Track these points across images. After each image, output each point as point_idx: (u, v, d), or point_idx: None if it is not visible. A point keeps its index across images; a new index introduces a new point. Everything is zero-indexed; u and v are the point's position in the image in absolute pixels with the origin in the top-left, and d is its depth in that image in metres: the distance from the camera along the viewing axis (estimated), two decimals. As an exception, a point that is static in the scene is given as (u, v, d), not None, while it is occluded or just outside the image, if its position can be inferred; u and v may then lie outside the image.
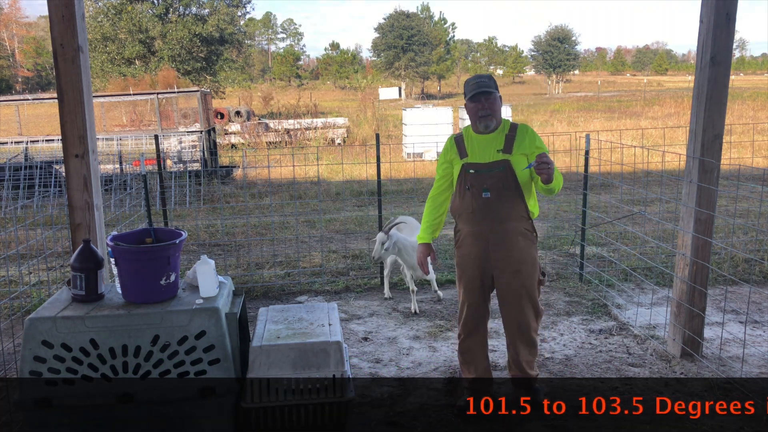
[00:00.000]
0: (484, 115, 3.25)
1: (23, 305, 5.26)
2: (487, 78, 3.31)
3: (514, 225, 3.27)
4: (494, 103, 3.25)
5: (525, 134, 3.29)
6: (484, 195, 3.23)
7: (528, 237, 3.31)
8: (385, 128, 22.46)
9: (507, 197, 3.23)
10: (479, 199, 3.25)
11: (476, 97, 3.24)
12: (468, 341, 3.49)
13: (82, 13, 3.42)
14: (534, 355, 3.49)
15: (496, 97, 3.26)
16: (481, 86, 3.24)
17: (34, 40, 61.71)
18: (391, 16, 60.48)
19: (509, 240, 3.26)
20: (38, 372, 2.69)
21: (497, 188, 3.23)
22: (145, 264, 2.82)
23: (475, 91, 3.24)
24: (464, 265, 3.39)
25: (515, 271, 3.28)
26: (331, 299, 5.50)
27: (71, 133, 3.44)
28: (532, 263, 3.31)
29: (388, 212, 8.79)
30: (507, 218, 3.25)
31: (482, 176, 3.25)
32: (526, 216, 3.29)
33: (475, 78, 3.33)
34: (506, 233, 3.26)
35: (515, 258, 3.27)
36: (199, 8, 33.25)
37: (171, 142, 13.18)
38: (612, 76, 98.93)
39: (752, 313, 4.90)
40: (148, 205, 5.92)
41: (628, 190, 8.51)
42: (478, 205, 3.26)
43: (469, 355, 3.50)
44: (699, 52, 3.83)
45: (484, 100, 3.24)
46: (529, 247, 3.31)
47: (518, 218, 3.27)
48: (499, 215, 3.25)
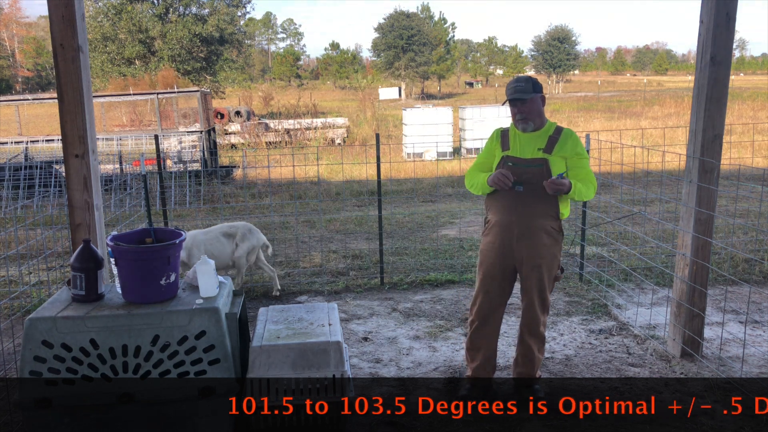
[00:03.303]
0: (519, 119, 3.39)
1: (23, 305, 5.26)
2: (524, 82, 3.38)
3: (542, 222, 3.35)
4: (531, 107, 3.36)
5: (568, 139, 3.39)
6: (517, 188, 3.33)
7: (553, 235, 3.39)
8: (385, 128, 22.47)
9: (539, 194, 3.31)
10: (512, 191, 3.34)
11: (513, 102, 3.38)
12: (480, 330, 3.55)
13: (82, 13, 3.42)
14: (541, 353, 3.58)
15: (533, 101, 3.35)
16: (518, 91, 3.35)
17: (34, 40, 61.72)
18: (391, 16, 60.46)
19: (534, 235, 3.35)
20: (38, 372, 2.68)
21: (531, 184, 3.32)
22: (145, 264, 2.82)
23: (511, 97, 3.37)
24: (487, 251, 3.48)
25: (535, 266, 3.37)
26: (331, 299, 5.50)
27: (71, 133, 3.44)
28: (551, 260, 3.40)
29: (387, 212, 8.80)
30: (536, 214, 3.35)
31: (519, 170, 3.34)
32: (554, 215, 3.38)
33: (514, 82, 3.41)
34: (533, 228, 3.35)
35: (537, 253, 3.36)
36: (199, 8, 33.27)
37: (171, 142, 13.18)
38: (612, 76, 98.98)
39: (752, 313, 4.90)
40: (148, 205, 5.93)
41: (628, 190, 8.51)
42: (510, 197, 3.36)
43: (477, 343, 3.57)
44: (699, 52, 3.83)
45: (520, 105, 3.36)
46: (552, 245, 3.40)
47: (547, 216, 3.36)
48: (528, 209, 3.34)
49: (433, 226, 8.22)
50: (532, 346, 3.52)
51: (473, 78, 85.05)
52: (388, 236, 7.56)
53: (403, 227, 8.23)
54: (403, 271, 6.20)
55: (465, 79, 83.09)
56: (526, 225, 3.35)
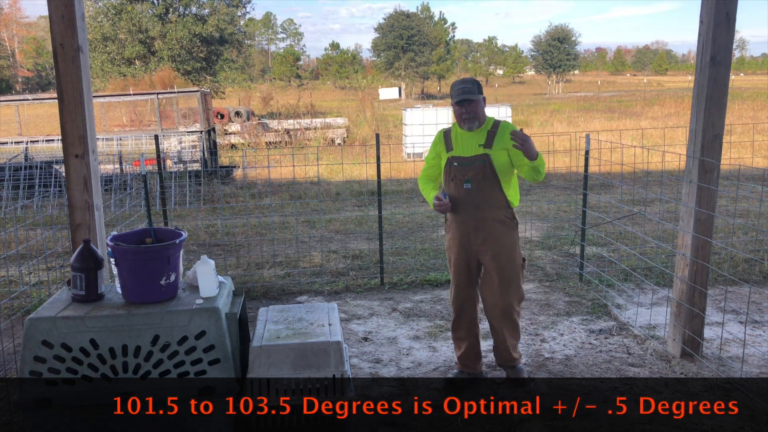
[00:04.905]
0: (467, 118, 3.54)
1: (23, 305, 5.26)
2: (470, 83, 3.55)
3: (493, 213, 3.57)
4: (477, 107, 3.52)
5: (505, 130, 3.55)
6: (465, 186, 3.55)
7: (507, 224, 3.60)
8: (385, 128, 22.45)
9: (486, 188, 3.54)
10: (461, 189, 3.57)
11: (461, 102, 3.51)
12: (459, 319, 3.79)
13: (82, 13, 3.42)
14: (516, 339, 3.80)
15: (478, 101, 3.52)
16: (465, 92, 3.50)
17: (34, 40, 61.75)
18: (391, 16, 60.48)
19: (488, 227, 3.58)
20: (38, 372, 2.69)
21: (477, 180, 3.53)
22: (145, 264, 2.82)
23: (459, 98, 3.50)
24: (450, 247, 3.75)
25: (494, 254, 3.59)
26: (331, 299, 5.50)
27: (71, 133, 3.44)
28: (511, 248, 3.61)
29: (387, 212, 8.80)
30: (486, 207, 3.56)
31: (464, 168, 3.56)
32: (505, 205, 3.59)
33: (460, 83, 3.56)
34: (485, 220, 3.57)
35: (494, 243, 3.58)
36: (199, 8, 33.26)
37: (171, 142, 13.18)
38: (612, 76, 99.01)
39: (752, 313, 4.90)
40: (148, 205, 5.92)
41: (628, 190, 8.52)
42: (460, 195, 3.58)
43: (458, 332, 3.83)
44: (699, 52, 3.83)
45: (467, 105, 3.51)
46: (508, 233, 3.60)
47: (497, 207, 3.57)
48: (479, 204, 3.56)
49: (433, 226, 8.22)
50: (504, 333, 3.73)
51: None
52: (388, 236, 7.57)
53: (403, 227, 8.23)
54: (403, 271, 6.20)
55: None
56: (480, 218, 3.57)
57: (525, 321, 4.84)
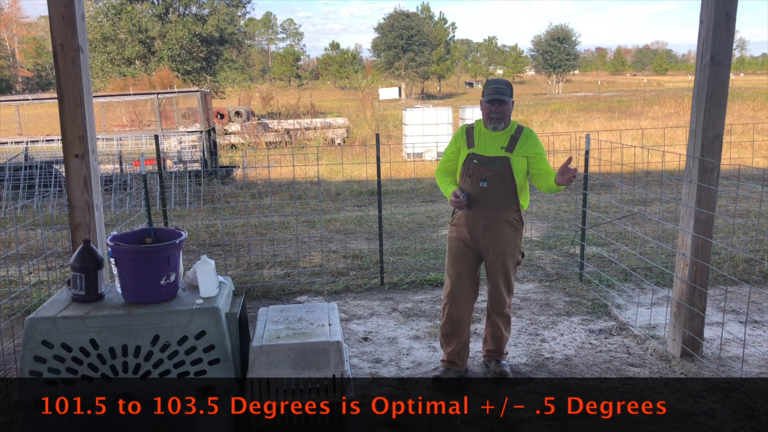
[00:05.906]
0: (495, 118, 3.61)
1: (23, 305, 5.26)
2: (505, 85, 3.64)
3: (504, 214, 3.65)
4: (506, 109, 3.60)
5: (528, 138, 3.64)
6: (482, 184, 3.61)
7: (514, 225, 3.70)
8: (385, 128, 22.45)
9: (501, 189, 3.61)
10: (477, 187, 3.63)
11: (492, 101, 3.58)
12: (452, 312, 3.77)
13: (82, 13, 3.42)
14: (508, 332, 3.90)
15: (508, 104, 3.60)
16: (498, 92, 3.57)
17: (34, 40, 61.74)
18: (391, 16, 60.46)
19: (498, 227, 3.65)
20: (38, 372, 2.69)
21: (494, 180, 3.60)
22: (145, 264, 2.82)
23: (491, 97, 3.57)
24: (455, 239, 3.78)
25: (499, 253, 3.68)
26: (331, 299, 5.50)
27: (71, 133, 3.44)
28: (513, 247, 3.72)
29: (387, 212, 8.80)
30: (499, 208, 3.64)
31: (483, 167, 3.61)
32: (515, 207, 3.68)
33: (495, 83, 3.64)
34: (496, 221, 3.65)
35: (501, 243, 3.67)
36: (199, 8, 33.25)
37: (171, 142, 13.17)
38: (612, 76, 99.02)
39: (752, 313, 4.90)
40: (148, 205, 5.92)
41: (628, 190, 8.52)
42: (475, 192, 3.63)
43: (449, 327, 3.80)
44: (699, 52, 3.83)
45: (498, 105, 3.58)
46: (514, 234, 3.71)
47: (508, 209, 3.66)
48: (492, 204, 3.63)
49: (433, 226, 8.22)
50: (499, 325, 3.83)
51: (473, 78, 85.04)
52: (388, 236, 7.57)
53: (403, 227, 8.23)
54: (403, 271, 6.20)
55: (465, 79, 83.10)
56: (490, 217, 3.64)
57: (525, 321, 4.84)
